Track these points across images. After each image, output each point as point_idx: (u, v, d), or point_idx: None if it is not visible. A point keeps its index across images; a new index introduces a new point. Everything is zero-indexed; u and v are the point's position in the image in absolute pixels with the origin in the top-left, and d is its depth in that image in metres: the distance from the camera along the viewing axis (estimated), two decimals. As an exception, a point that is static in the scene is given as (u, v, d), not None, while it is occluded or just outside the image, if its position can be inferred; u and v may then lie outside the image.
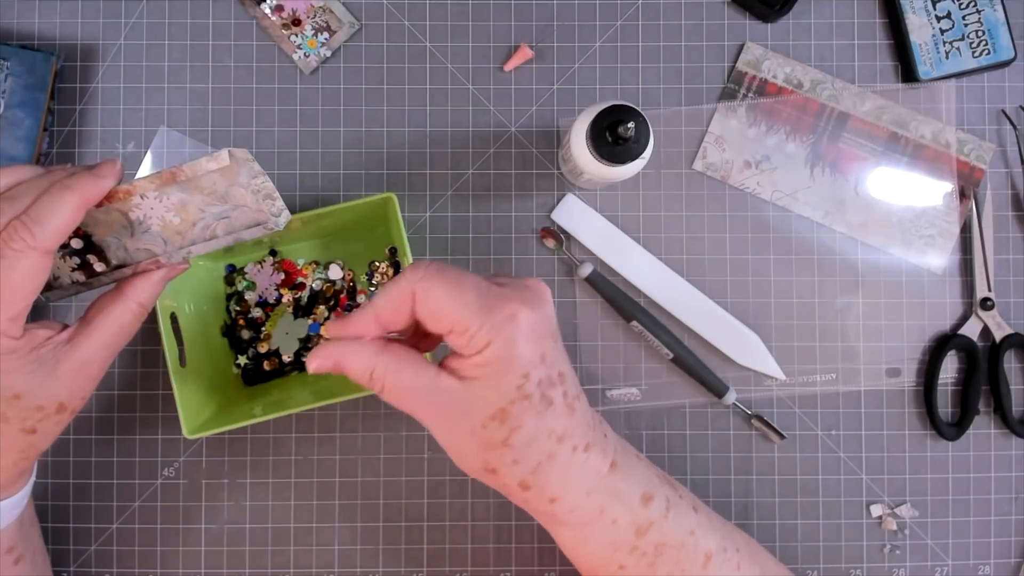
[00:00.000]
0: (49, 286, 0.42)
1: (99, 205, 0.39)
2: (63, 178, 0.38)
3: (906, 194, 0.57)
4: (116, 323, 0.40)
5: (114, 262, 0.41)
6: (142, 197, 0.40)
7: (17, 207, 0.37)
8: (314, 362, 0.38)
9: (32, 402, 0.38)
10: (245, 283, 0.55)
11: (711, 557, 0.41)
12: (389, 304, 0.37)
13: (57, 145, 0.55)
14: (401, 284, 0.37)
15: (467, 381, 0.36)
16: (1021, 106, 0.57)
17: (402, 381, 0.37)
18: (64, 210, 0.37)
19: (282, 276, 0.55)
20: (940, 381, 0.56)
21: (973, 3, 0.56)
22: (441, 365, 0.38)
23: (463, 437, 0.37)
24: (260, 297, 0.55)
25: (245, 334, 0.55)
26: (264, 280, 0.55)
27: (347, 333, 0.38)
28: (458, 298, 0.36)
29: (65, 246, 0.41)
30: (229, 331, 0.55)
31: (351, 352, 0.38)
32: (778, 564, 0.46)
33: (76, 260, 0.41)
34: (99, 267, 0.41)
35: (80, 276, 0.42)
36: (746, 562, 0.43)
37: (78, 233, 0.41)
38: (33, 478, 0.45)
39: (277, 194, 0.41)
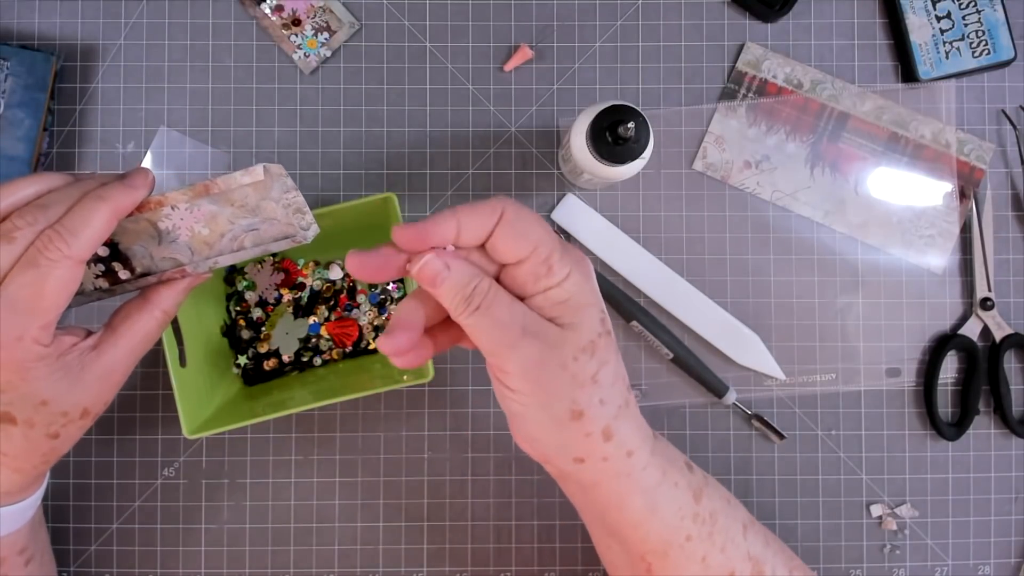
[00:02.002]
0: None
1: (129, 215, 0.39)
2: (95, 188, 0.38)
3: (906, 194, 0.57)
4: (141, 330, 0.40)
5: (139, 270, 0.41)
6: (172, 208, 0.40)
7: (50, 216, 0.37)
8: (421, 263, 0.36)
9: (57, 408, 0.38)
10: (245, 283, 0.55)
11: (746, 528, 0.42)
12: (476, 214, 0.36)
13: (57, 145, 0.55)
14: (491, 202, 0.36)
15: (555, 321, 0.36)
16: (1021, 106, 0.57)
17: (502, 304, 0.36)
18: (98, 221, 0.37)
19: (282, 276, 0.55)
20: (940, 381, 0.56)
21: (973, 3, 0.56)
22: None
23: (554, 371, 0.36)
24: (260, 297, 0.55)
25: (245, 334, 0.55)
26: (264, 280, 0.55)
27: (425, 234, 0.36)
28: (544, 226, 0.37)
29: None
30: (229, 331, 0.55)
31: (462, 264, 0.36)
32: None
33: (101, 267, 0.41)
34: (123, 275, 0.41)
35: (104, 283, 0.41)
36: (770, 538, 0.44)
37: (105, 241, 0.41)
38: (47, 481, 0.45)
39: (307, 208, 0.41)
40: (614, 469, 0.38)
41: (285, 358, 0.55)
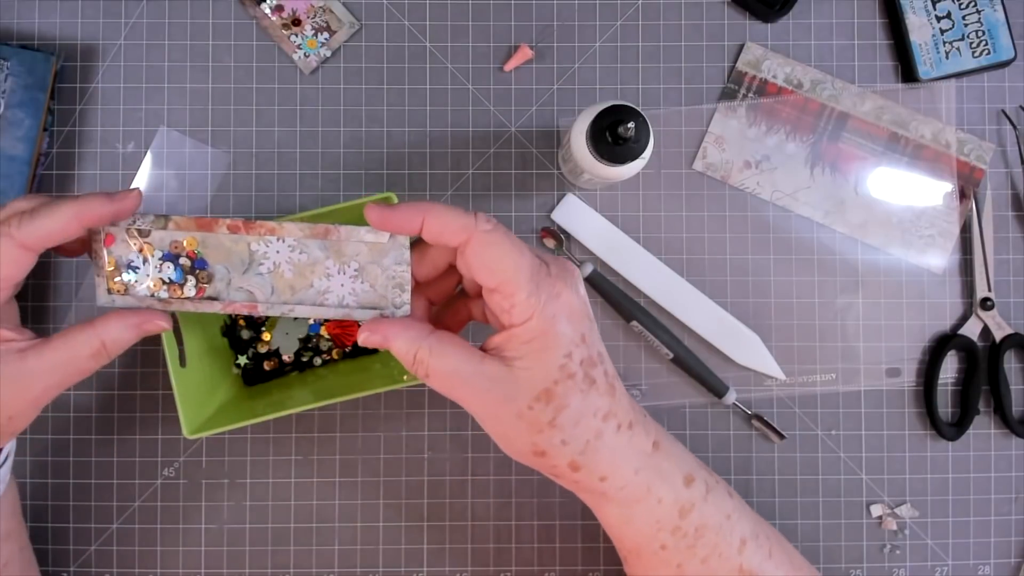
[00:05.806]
0: (125, 290, 0.40)
1: (235, 232, 0.39)
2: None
3: (906, 194, 0.57)
4: (72, 350, 0.38)
5: (208, 293, 0.40)
6: (280, 240, 0.39)
7: (26, 207, 0.38)
8: (363, 334, 0.38)
9: None
10: (245, 283, 0.55)
11: (746, 542, 0.42)
12: (444, 223, 0.37)
13: (57, 145, 0.55)
14: (467, 220, 0.36)
15: (512, 363, 0.37)
16: (1021, 106, 0.57)
17: (447, 365, 0.37)
18: (58, 216, 0.36)
19: (282, 276, 0.55)
20: (940, 381, 0.56)
21: (973, 3, 0.56)
22: (482, 349, 0.38)
23: (510, 421, 0.37)
24: (260, 297, 0.55)
25: (245, 334, 0.55)
26: (264, 280, 0.55)
27: (389, 221, 0.37)
28: (516, 261, 0.36)
29: (174, 259, 0.39)
30: (229, 331, 0.55)
31: (399, 332, 0.38)
32: (801, 556, 0.47)
33: (170, 274, 0.39)
34: (188, 291, 0.39)
35: (164, 292, 0.40)
36: (776, 549, 0.44)
37: (191, 256, 0.39)
38: (8, 467, 0.43)
39: (409, 288, 0.40)
40: (586, 488, 0.39)
41: (285, 358, 0.55)
